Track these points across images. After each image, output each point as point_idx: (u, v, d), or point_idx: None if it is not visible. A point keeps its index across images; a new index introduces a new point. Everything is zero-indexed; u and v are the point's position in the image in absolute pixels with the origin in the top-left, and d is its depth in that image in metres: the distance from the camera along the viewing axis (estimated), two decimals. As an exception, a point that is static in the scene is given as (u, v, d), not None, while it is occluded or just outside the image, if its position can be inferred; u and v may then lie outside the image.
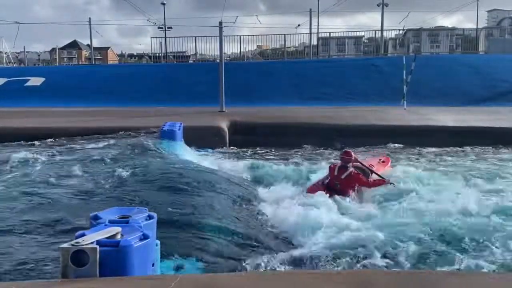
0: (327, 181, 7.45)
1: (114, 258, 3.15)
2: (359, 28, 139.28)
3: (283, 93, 18.58)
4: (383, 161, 8.77)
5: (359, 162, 7.72)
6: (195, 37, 27.12)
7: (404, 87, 16.49)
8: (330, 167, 7.63)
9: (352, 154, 7.55)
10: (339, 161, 7.53)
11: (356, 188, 7.21)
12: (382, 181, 7.42)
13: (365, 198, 7.12)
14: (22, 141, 11.54)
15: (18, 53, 54.53)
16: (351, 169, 7.32)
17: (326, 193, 7.00)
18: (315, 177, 8.20)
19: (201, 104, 16.42)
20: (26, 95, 19.34)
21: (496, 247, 5.20)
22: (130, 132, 11.83)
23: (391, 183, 7.34)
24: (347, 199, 6.99)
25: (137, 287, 3.09)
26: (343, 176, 7.23)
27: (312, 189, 7.33)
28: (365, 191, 7.24)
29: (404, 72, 16.51)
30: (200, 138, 11.74)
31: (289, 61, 26.00)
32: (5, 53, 43.05)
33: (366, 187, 7.29)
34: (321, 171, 8.44)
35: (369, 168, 7.71)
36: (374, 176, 7.66)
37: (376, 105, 16.68)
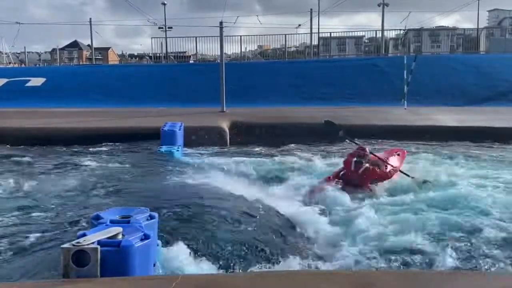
0: (342, 173, 7.47)
1: (115, 258, 3.15)
2: (358, 28, 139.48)
3: (284, 93, 18.57)
4: (398, 154, 8.67)
5: (373, 155, 7.74)
6: (196, 37, 27.16)
7: (405, 87, 16.49)
8: (344, 162, 7.65)
9: (367, 149, 7.63)
10: (353, 157, 7.56)
11: (373, 182, 7.28)
12: (395, 171, 7.59)
13: (382, 190, 7.19)
14: (23, 142, 11.56)
15: (19, 53, 54.64)
16: (367, 164, 7.35)
17: (341, 186, 7.07)
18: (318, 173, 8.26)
19: (201, 104, 16.41)
20: (27, 96, 19.34)
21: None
22: (129, 134, 11.84)
23: (404, 173, 7.54)
24: (363, 193, 7.08)
25: (138, 287, 3.09)
26: (360, 171, 7.27)
27: (327, 183, 7.34)
28: (382, 184, 7.33)
29: (405, 72, 16.51)
30: (201, 138, 11.74)
31: (290, 61, 25.99)
32: (6, 54, 43.12)
33: (383, 179, 7.36)
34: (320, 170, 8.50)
35: (383, 161, 7.72)
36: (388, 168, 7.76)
37: (377, 105, 16.67)
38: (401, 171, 7.72)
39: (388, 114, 14.71)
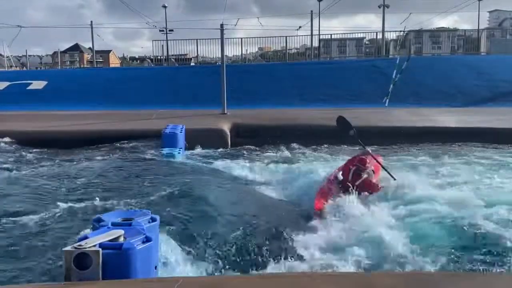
0: (341, 176, 7.31)
1: (116, 261, 3.17)
2: (357, 29, 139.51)
3: (284, 95, 18.56)
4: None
5: (377, 162, 7.67)
6: (197, 39, 27.14)
7: (391, 85, 16.58)
8: (343, 167, 7.55)
9: (367, 162, 7.40)
10: (352, 164, 7.45)
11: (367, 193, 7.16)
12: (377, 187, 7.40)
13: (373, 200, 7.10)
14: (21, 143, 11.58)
15: (20, 56, 54.65)
16: (365, 175, 7.21)
17: (340, 194, 6.97)
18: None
19: (203, 106, 16.43)
20: (28, 99, 19.36)
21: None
22: (131, 136, 11.88)
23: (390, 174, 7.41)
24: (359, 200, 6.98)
25: (139, 290, 3.10)
26: (357, 183, 7.04)
27: (325, 191, 7.24)
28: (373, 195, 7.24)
29: (395, 71, 16.62)
30: (202, 141, 11.76)
31: (291, 63, 25.97)
32: (7, 57, 43.14)
33: (374, 191, 7.20)
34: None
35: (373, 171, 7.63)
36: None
37: (378, 106, 16.67)
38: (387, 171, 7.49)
39: (390, 115, 14.70)
